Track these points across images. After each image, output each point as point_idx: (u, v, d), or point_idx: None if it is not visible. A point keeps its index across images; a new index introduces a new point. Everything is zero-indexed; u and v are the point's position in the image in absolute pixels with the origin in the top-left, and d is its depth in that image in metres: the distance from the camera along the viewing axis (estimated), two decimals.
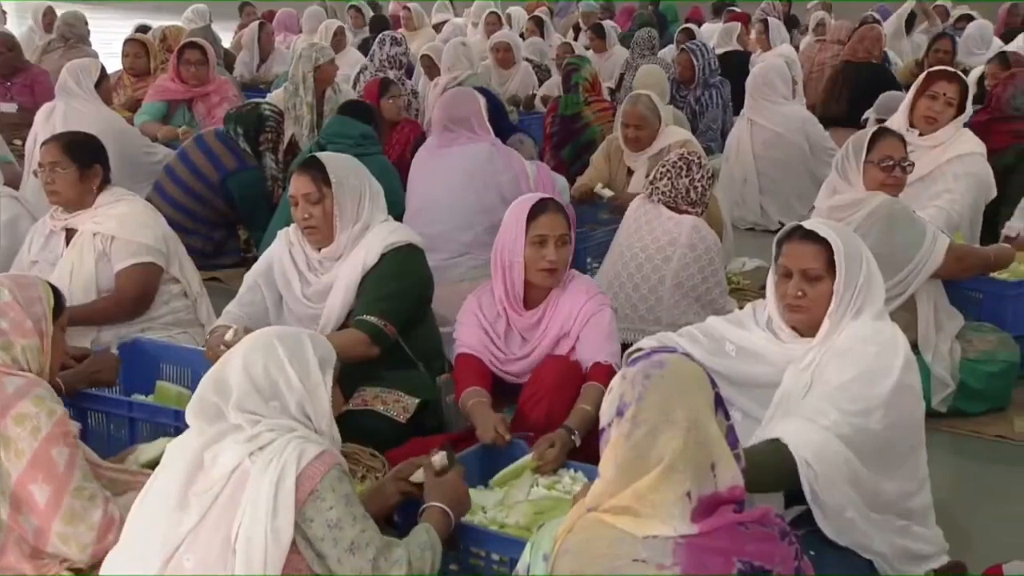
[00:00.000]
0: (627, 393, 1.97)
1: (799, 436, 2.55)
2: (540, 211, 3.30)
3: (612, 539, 1.94)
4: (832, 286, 2.71)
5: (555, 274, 3.31)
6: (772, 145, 6.73)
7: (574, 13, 13.65)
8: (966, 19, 10.77)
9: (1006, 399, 4.06)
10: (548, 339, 3.33)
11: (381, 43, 7.69)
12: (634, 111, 5.42)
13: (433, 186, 5.01)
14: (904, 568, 2.69)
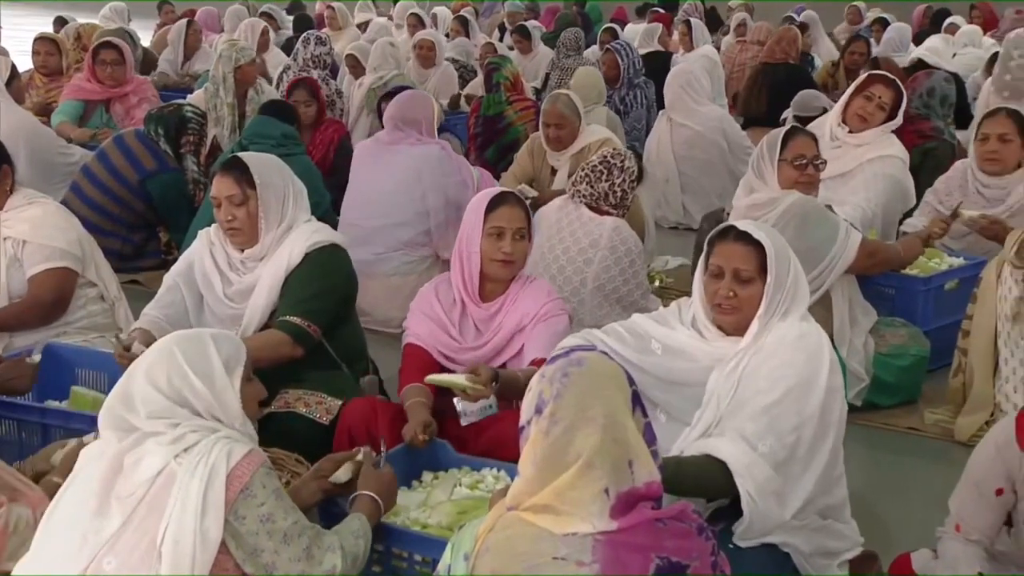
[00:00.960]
0: (546, 391, 1.98)
1: (741, 463, 2.56)
2: (499, 203, 3.30)
3: (532, 537, 1.95)
4: (762, 288, 2.73)
5: (510, 266, 3.30)
6: (692, 145, 6.82)
7: (499, 13, 13.71)
8: (881, 22, 11.03)
9: (917, 392, 4.16)
10: (503, 332, 3.31)
11: (305, 42, 7.64)
12: (554, 110, 5.46)
13: (377, 180, 5.04)
14: (820, 561, 2.74)
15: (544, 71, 9.29)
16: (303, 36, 7.86)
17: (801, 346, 2.70)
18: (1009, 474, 2.52)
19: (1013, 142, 4.64)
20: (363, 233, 5.02)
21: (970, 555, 2.54)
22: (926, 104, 5.69)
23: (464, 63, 9.30)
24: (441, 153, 5.12)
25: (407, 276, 4.95)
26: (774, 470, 2.58)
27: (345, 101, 7.63)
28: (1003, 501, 2.54)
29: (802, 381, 2.65)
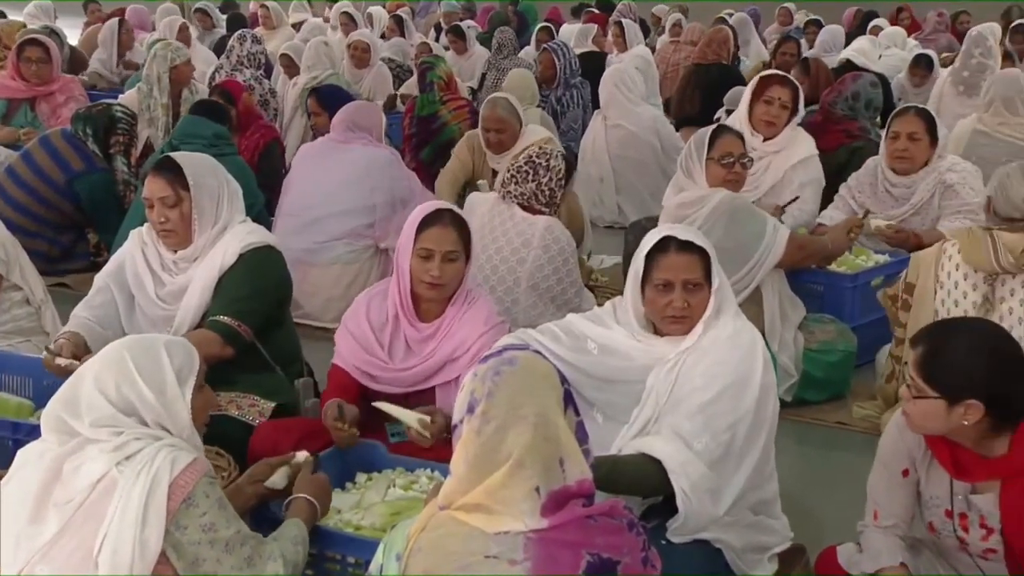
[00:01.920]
0: (478, 389, 1.99)
1: (676, 462, 2.59)
2: (430, 223, 3.13)
3: (464, 536, 1.96)
4: (707, 292, 2.76)
5: (439, 289, 3.14)
6: (626, 145, 6.88)
7: (435, 13, 13.69)
8: (815, 24, 11.22)
9: (845, 387, 4.24)
10: (436, 359, 3.17)
11: (241, 39, 7.56)
12: (493, 115, 5.47)
13: (324, 174, 5.08)
14: (751, 556, 2.78)
15: (480, 71, 9.30)
16: (238, 34, 7.78)
17: (736, 344, 2.74)
18: (910, 454, 2.57)
19: (922, 141, 4.74)
20: (304, 222, 5.05)
21: (891, 546, 2.58)
22: (851, 107, 5.81)
23: (400, 63, 9.28)
24: (392, 158, 5.24)
25: (349, 265, 4.99)
26: (709, 468, 2.61)
27: (279, 101, 7.57)
28: (910, 482, 2.59)
29: (737, 379, 2.68)
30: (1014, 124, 5.69)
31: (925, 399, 2.38)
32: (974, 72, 6.89)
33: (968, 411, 2.35)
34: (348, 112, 5.26)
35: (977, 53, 6.98)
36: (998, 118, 5.72)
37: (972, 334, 2.44)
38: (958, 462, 2.47)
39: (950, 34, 10.61)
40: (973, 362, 2.36)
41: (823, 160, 5.15)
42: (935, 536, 2.62)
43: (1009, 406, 2.37)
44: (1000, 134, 5.67)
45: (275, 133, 6.44)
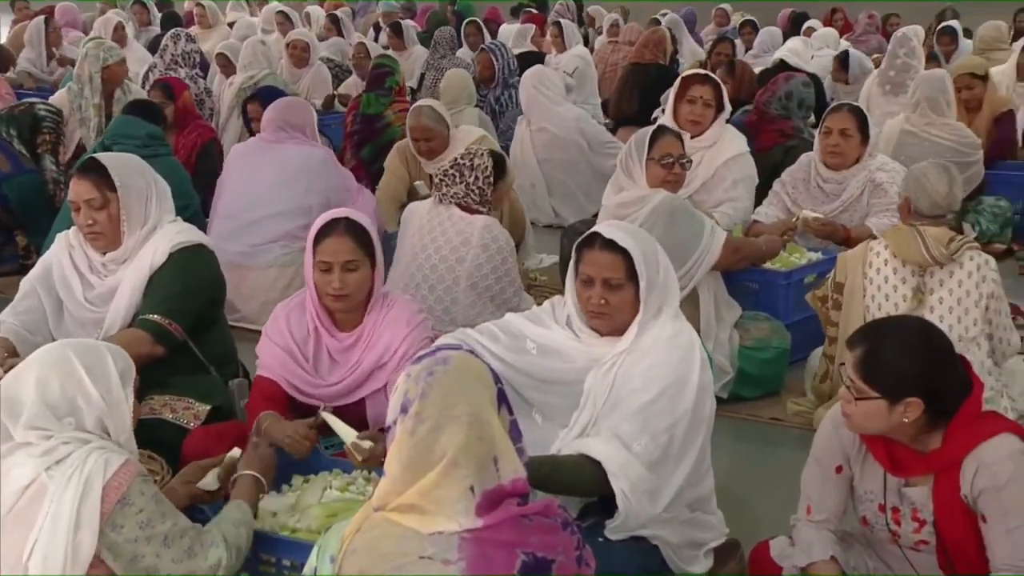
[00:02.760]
0: (411, 390, 1.99)
1: (615, 463, 2.60)
2: (324, 235, 3.08)
3: (398, 537, 1.95)
4: (633, 291, 2.75)
5: (345, 300, 3.09)
6: (552, 147, 6.89)
7: (374, 12, 13.62)
8: (750, 25, 11.36)
9: (780, 384, 4.30)
10: (363, 368, 3.13)
11: (175, 38, 7.47)
12: (418, 124, 5.48)
13: (259, 175, 5.03)
14: (687, 552, 2.81)
15: (419, 71, 9.28)
16: (172, 33, 7.68)
17: (675, 345, 2.74)
18: (844, 451, 2.61)
19: (854, 137, 4.85)
20: (239, 225, 5.01)
21: (823, 539, 2.62)
22: (784, 107, 5.91)
23: (338, 62, 9.22)
24: (326, 156, 5.18)
25: (285, 267, 4.96)
26: (648, 469, 2.63)
27: (215, 100, 7.48)
28: (843, 478, 2.63)
29: (676, 380, 2.70)
30: (940, 124, 5.82)
31: (866, 400, 2.42)
32: (899, 72, 7.05)
33: (908, 408, 2.39)
34: (279, 110, 5.19)
35: (902, 53, 7.13)
36: (924, 119, 5.84)
37: (906, 332, 2.48)
38: (894, 458, 2.51)
39: (880, 35, 10.80)
40: (910, 360, 2.40)
41: (758, 159, 5.24)
42: (867, 530, 2.66)
43: (944, 401, 2.42)
44: (927, 134, 5.79)
45: (212, 133, 6.37)
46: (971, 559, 2.47)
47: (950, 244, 3.59)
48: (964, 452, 2.42)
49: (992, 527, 2.39)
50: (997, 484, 2.37)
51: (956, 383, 2.45)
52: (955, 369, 2.47)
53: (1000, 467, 2.38)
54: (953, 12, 11.71)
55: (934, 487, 2.48)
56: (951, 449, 2.44)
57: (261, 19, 11.24)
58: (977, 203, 5.87)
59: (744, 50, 10.46)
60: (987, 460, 2.39)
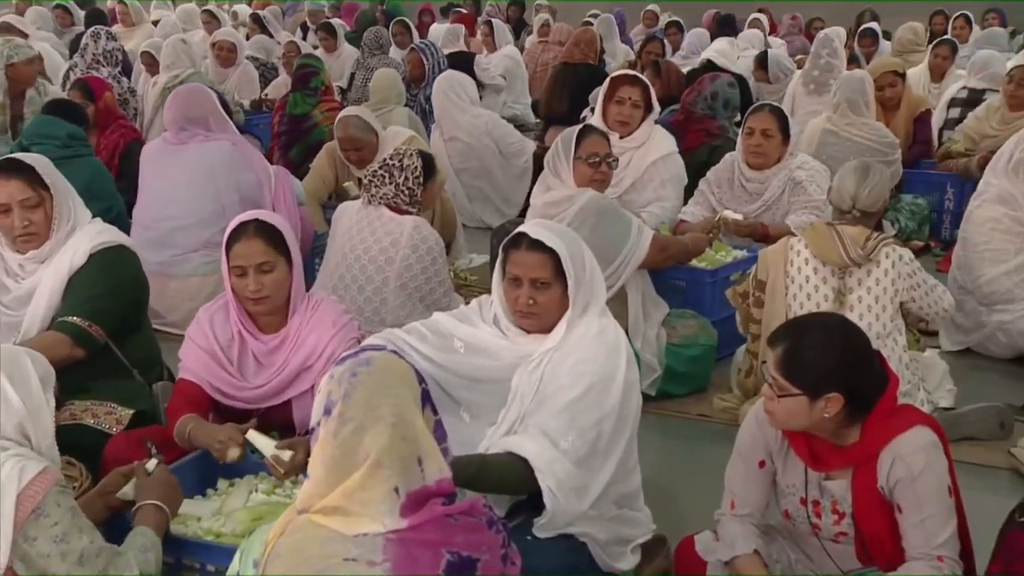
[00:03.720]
0: (334, 391, 1.97)
1: (543, 460, 2.61)
2: (236, 239, 3.04)
3: (323, 539, 1.94)
4: (560, 290, 2.76)
5: (264, 302, 3.06)
6: (466, 156, 6.90)
7: (302, 12, 13.51)
8: (675, 26, 11.49)
9: (707, 380, 4.35)
10: (289, 369, 3.10)
11: (95, 37, 7.32)
12: (346, 136, 5.47)
13: (169, 181, 4.92)
14: (614, 549, 2.83)
15: (349, 71, 9.23)
16: (92, 31, 7.53)
17: (601, 341, 2.76)
18: (767, 446, 2.66)
19: (775, 138, 4.95)
20: (159, 235, 4.91)
21: (746, 533, 2.65)
22: (710, 107, 6.00)
23: (263, 61, 9.13)
24: (233, 149, 5.01)
25: (208, 276, 4.87)
26: (575, 466, 2.64)
27: (140, 100, 7.36)
28: (766, 473, 2.67)
29: (603, 377, 2.71)
30: (859, 124, 5.95)
31: (788, 397, 2.46)
32: (823, 72, 7.20)
33: (829, 404, 2.44)
34: (176, 107, 5.01)
35: (824, 54, 7.28)
36: (845, 118, 5.97)
37: (826, 330, 2.52)
38: (814, 453, 2.56)
39: (804, 37, 11.01)
40: (830, 357, 2.44)
41: (685, 158, 5.31)
42: (789, 523, 2.71)
43: (863, 396, 2.47)
44: (847, 134, 5.91)
45: (136, 134, 6.26)
46: (887, 550, 2.52)
47: (867, 243, 3.67)
48: (880, 445, 2.47)
49: (907, 517, 2.45)
50: (911, 475, 2.43)
51: (874, 378, 2.50)
52: (873, 365, 2.52)
53: (914, 459, 2.43)
54: (872, 14, 11.98)
55: (852, 480, 2.53)
56: (868, 443, 2.50)
57: (180, 17, 11.09)
58: (896, 201, 6.01)
59: (672, 51, 10.57)
60: (902, 452, 2.45)
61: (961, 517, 2.51)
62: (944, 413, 3.87)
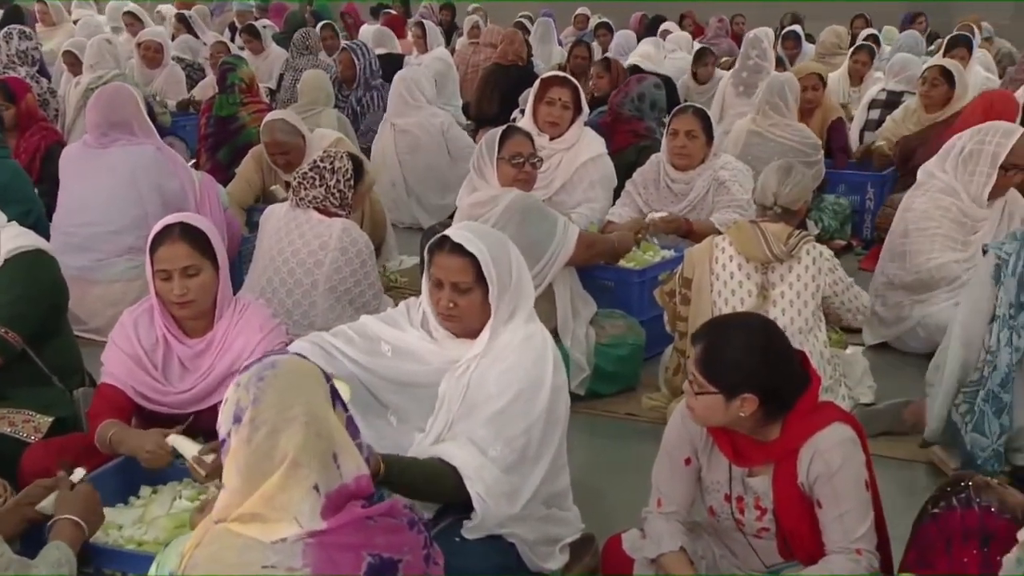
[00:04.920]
0: (243, 398, 1.95)
1: (471, 467, 2.61)
2: (160, 242, 3.01)
3: (240, 548, 1.91)
4: (482, 295, 2.73)
5: (190, 306, 3.03)
6: (415, 149, 6.91)
7: (229, 12, 13.36)
8: (605, 28, 11.57)
9: (635, 379, 4.38)
10: (215, 375, 3.07)
11: (7, 37, 7.17)
12: (272, 140, 5.42)
13: (91, 185, 4.83)
14: (543, 549, 2.84)
15: (278, 72, 9.14)
16: (4, 31, 7.37)
17: (528, 347, 2.75)
18: (693, 444, 2.69)
19: (699, 138, 5.02)
20: (80, 240, 4.82)
21: (672, 531, 2.68)
22: (637, 108, 6.06)
23: (189, 62, 9.01)
24: (156, 154, 4.94)
25: (132, 281, 4.78)
26: (505, 472, 2.64)
27: (60, 101, 7.22)
28: (692, 470, 2.70)
29: (530, 383, 2.70)
30: (783, 125, 6.05)
31: (706, 395, 2.49)
32: (751, 73, 7.32)
33: (744, 404, 2.47)
34: (100, 111, 4.90)
35: (753, 55, 7.40)
36: (769, 119, 6.07)
37: (745, 331, 2.55)
38: (737, 449, 2.59)
39: (730, 39, 11.17)
40: (747, 359, 2.48)
41: (614, 159, 5.36)
42: (714, 519, 2.74)
43: (780, 395, 2.51)
44: (771, 135, 6.01)
45: (57, 135, 6.14)
46: (807, 544, 2.56)
47: (789, 240, 3.75)
48: (800, 442, 2.51)
49: (826, 512, 2.49)
50: (830, 471, 2.47)
51: (792, 379, 2.54)
52: (791, 366, 2.56)
53: (832, 455, 2.48)
54: (795, 17, 12.19)
55: (774, 476, 2.57)
56: (788, 439, 2.53)
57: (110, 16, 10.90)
58: (819, 201, 6.13)
59: (601, 52, 10.64)
60: (821, 448, 2.49)
61: (878, 511, 2.57)
62: (864, 409, 3.95)
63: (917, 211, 4.65)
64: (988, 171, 4.46)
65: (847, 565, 2.45)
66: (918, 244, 4.62)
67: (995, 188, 4.48)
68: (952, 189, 4.57)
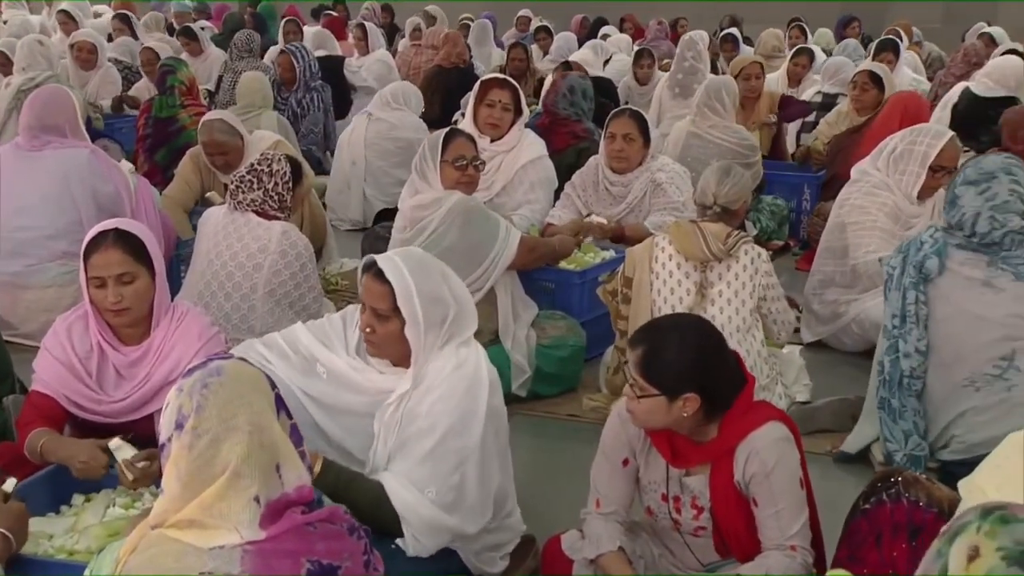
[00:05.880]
0: (185, 405, 1.93)
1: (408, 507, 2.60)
2: (94, 249, 2.94)
3: (178, 554, 1.90)
4: (403, 325, 2.66)
5: (125, 314, 2.97)
6: (384, 136, 6.86)
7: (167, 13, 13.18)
8: (544, 31, 11.62)
9: (576, 380, 4.40)
10: (152, 383, 3.01)
11: None
12: (211, 140, 5.36)
13: (23, 189, 4.74)
14: (486, 555, 2.85)
15: (217, 73, 9.06)
16: None
17: (460, 376, 2.69)
18: (630, 445, 2.70)
19: (636, 141, 5.08)
20: (12, 245, 4.74)
21: (611, 531, 2.69)
22: (572, 103, 6.10)
23: (128, 64, 8.88)
24: (90, 157, 4.86)
25: (65, 288, 4.70)
26: (444, 511, 2.63)
27: None
28: (630, 471, 2.72)
29: (461, 415, 2.66)
30: (721, 127, 6.11)
31: (648, 397, 2.51)
32: (686, 75, 7.41)
33: (687, 404, 2.49)
34: (33, 112, 4.82)
35: (689, 57, 7.49)
36: (707, 121, 6.14)
37: (682, 331, 2.58)
38: (675, 450, 2.61)
39: (670, 41, 11.27)
40: (687, 358, 2.50)
41: (554, 161, 5.38)
42: (652, 519, 2.76)
43: (719, 394, 2.54)
44: (710, 136, 6.08)
45: None
46: (744, 542, 2.60)
47: (727, 240, 3.80)
48: (736, 441, 2.54)
49: (762, 509, 2.53)
50: (765, 469, 2.50)
51: (730, 378, 2.57)
52: (728, 364, 2.59)
53: (768, 453, 2.51)
54: (733, 20, 12.34)
55: (711, 475, 2.60)
56: (725, 439, 2.56)
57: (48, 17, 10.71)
58: (757, 202, 6.21)
59: (542, 55, 10.70)
60: (756, 447, 2.52)
61: (812, 507, 2.61)
62: (800, 407, 4.01)
63: (853, 206, 4.73)
64: (918, 171, 4.57)
65: (782, 561, 2.48)
66: (855, 238, 4.69)
67: (924, 189, 4.58)
68: (886, 185, 4.66)
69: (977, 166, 3.57)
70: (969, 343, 3.48)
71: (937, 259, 3.52)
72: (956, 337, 3.50)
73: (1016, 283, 3.45)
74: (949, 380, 3.52)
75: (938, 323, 3.52)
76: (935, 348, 3.52)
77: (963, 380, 3.50)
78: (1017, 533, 1.43)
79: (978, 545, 1.44)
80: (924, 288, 3.53)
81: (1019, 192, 3.48)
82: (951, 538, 1.49)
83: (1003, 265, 3.48)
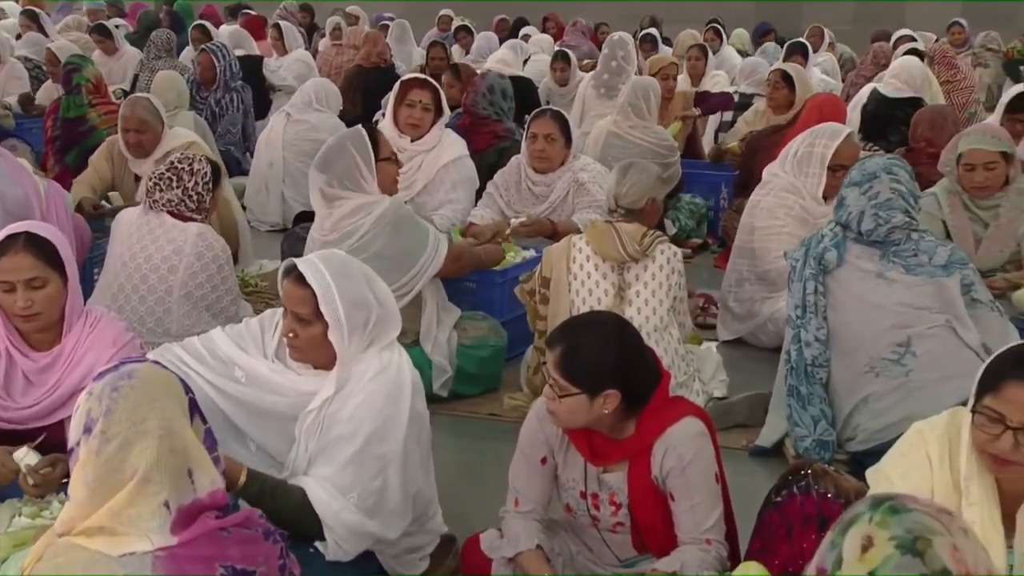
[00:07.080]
0: (94, 408, 1.90)
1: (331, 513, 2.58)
2: (2, 253, 2.86)
3: (86, 561, 1.87)
4: (324, 329, 2.63)
5: (36, 319, 2.90)
6: (303, 137, 6.82)
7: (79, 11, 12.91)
8: (464, 30, 11.62)
9: (498, 380, 4.40)
10: (62, 390, 2.93)
11: None
12: (133, 115, 5.26)
13: None
14: (406, 557, 2.85)
15: (132, 72, 8.89)
16: None
17: (384, 380, 2.68)
18: (548, 443, 2.72)
19: (558, 141, 5.13)
20: None
21: (529, 530, 2.71)
22: (491, 102, 6.13)
23: (37, 62, 8.67)
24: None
25: None
26: (365, 515, 2.62)
27: None
28: (548, 469, 2.74)
29: (384, 421, 2.65)
30: (642, 128, 6.19)
31: (569, 396, 2.52)
32: (613, 75, 7.47)
33: (607, 400, 2.51)
34: None
35: (619, 56, 7.55)
36: (629, 121, 6.20)
37: (598, 328, 2.60)
38: (593, 447, 2.63)
39: (591, 42, 11.36)
40: (605, 355, 2.52)
41: (475, 161, 5.39)
42: (571, 516, 2.78)
43: (638, 390, 2.57)
44: (631, 136, 6.14)
45: None
46: (661, 537, 2.63)
47: (643, 240, 3.84)
48: (654, 437, 2.57)
49: (678, 504, 2.56)
50: (682, 464, 2.54)
51: (648, 374, 2.60)
52: (646, 360, 2.62)
53: (684, 448, 2.54)
54: (653, 20, 12.49)
55: (628, 472, 2.62)
56: (642, 435, 2.59)
57: None
58: (676, 201, 6.29)
59: (463, 54, 10.69)
60: (673, 442, 2.55)
61: (727, 501, 2.65)
62: (717, 403, 4.08)
63: (763, 209, 4.82)
64: (819, 172, 4.69)
65: (697, 555, 2.52)
66: (765, 242, 4.79)
67: (828, 188, 4.68)
68: (793, 187, 4.77)
69: (861, 167, 3.74)
70: (868, 330, 3.61)
71: (836, 251, 3.66)
72: (855, 325, 3.63)
73: (906, 275, 3.60)
74: (851, 367, 3.64)
75: (838, 312, 3.66)
76: (837, 337, 3.66)
77: (864, 367, 3.61)
78: (907, 522, 1.48)
79: (871, 535, 1.48)
80: (823, 279, 3.67)
81: (900, 190, 3.63)
82: (844, 529, 1.53)
83: (894, 259, 3.63)
